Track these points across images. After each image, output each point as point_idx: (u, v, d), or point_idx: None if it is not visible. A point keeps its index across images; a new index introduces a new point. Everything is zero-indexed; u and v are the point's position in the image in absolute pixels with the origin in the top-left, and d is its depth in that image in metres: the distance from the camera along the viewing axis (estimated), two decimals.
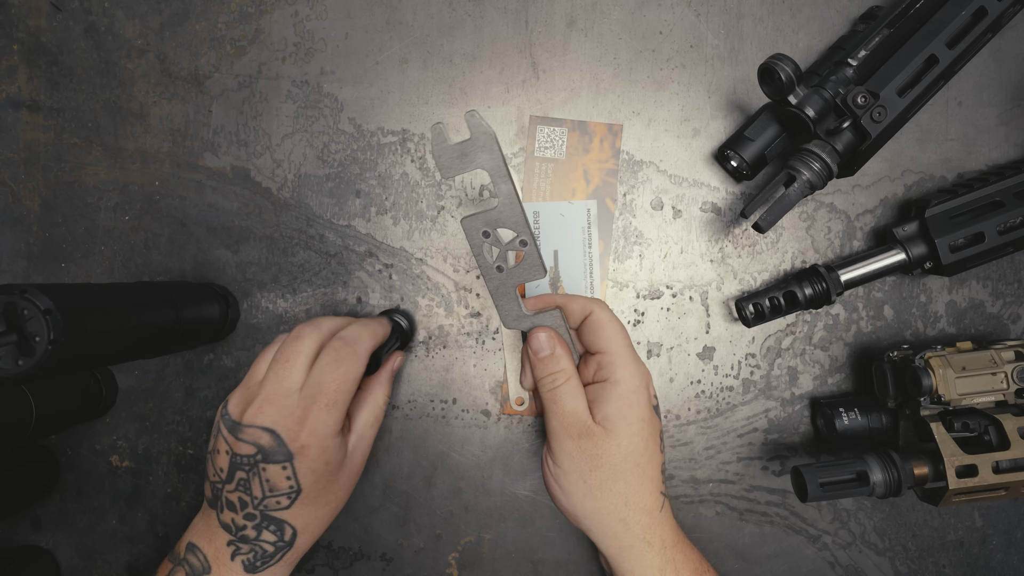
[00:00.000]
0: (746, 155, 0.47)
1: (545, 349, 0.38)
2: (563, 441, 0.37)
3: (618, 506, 0.37)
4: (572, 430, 0.36)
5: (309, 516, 0.38)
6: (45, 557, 0.51)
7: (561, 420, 0.37)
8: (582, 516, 0.38)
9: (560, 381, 0.37)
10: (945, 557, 0.52)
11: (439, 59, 0.51)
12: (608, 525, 0.37)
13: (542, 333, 0.38)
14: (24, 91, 0.51)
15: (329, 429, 0.37)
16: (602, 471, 0.36)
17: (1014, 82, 0.51)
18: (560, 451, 0.37)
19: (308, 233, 0.51)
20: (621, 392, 0.37)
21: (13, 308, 0.31)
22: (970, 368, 0.44)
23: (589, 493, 0.37)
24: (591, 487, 0.36)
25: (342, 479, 0.39)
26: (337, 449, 0.38)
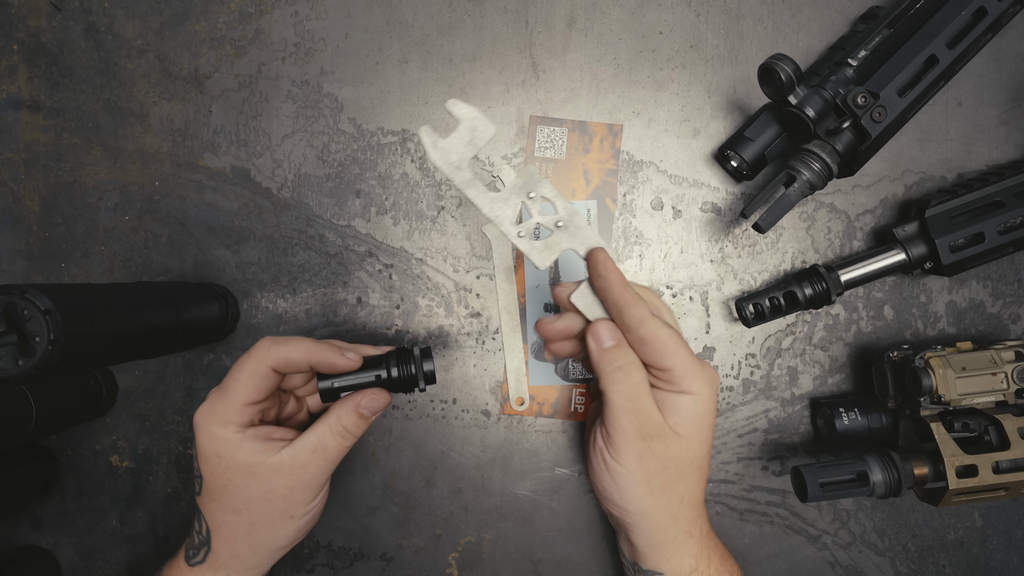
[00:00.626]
0: (746, 155, 0.47)
1: (610, 339, 0.36)
2: (633, 441, 0.35)
3: (673, 504, 0.37)
4: (645, 430, 0.35)
5: (217, 515, 0.38)
6: (45, 557, 0.51)
7: (634, 419, 0.35)
8: (636, 512, 0.37)
9: (635, 375, 0.35)
10: (945, 557, 0.52)
11: (439, 59, 0.51)
12: (659, 521, 0.37)
13: (605, 323, 0.36)
14: (24, 91, 0.51)
15: (215, 415, 0.36)
16: (668, 473, 0.36)
17: (1014, 82, 0.51)
18: (628, 450, 0.36)
19: (308, 233, 0.51)
20: (698, 402, 0.36)
21: (13, 308, 0.31)
22: (970, 368, 0.44)
23: (650, 492, 0.36)
24: (653, 487, 0.36)
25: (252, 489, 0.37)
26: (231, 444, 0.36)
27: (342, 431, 0.38)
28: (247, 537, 0.38)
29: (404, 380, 0.39)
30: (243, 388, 0.36)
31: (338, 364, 0.38)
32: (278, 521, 0.38)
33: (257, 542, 0.38)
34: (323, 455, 0.38)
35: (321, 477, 0.38)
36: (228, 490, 0.37)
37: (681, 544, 0.38)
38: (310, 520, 0.40)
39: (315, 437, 0.38)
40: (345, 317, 0.51)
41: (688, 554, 0.38)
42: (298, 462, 0.37)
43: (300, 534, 0.40)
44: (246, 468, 0.37)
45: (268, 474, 0.37)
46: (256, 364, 0.37)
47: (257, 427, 0.38)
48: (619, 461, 0.36)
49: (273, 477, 0.37)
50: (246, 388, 0.36)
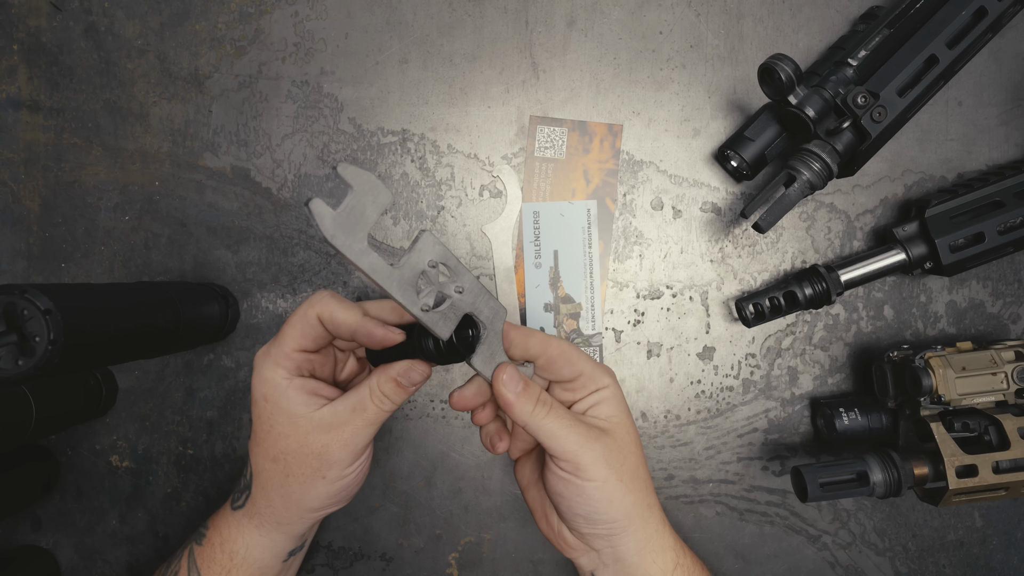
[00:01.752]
0: (746, 155, 0.47)
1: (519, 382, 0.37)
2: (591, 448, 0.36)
3: (645, 492, 0.38)
4: (591, 434, 0.36)
5: (259, 461, 0.38)
6: (45, 557, 0.51)
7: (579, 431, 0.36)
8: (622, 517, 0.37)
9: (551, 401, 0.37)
10: (945, 557, 0.52)
11: (439, 59, 0.51)
12: (640, 514, 0.38)
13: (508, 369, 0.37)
14: (24, 91, 0.51)
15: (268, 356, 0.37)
16: (629, 461, 0.37)
17: (1014, 82, 0.51)
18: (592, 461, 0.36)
19: (308, 233, 0.51)
20: (613, 392, 0.38)
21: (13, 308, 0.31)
22: (970, 368, 0.44)
23: (627, 489, 0.37)
24: (627, 483, 0.37)
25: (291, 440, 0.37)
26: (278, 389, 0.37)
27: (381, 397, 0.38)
28: (281, 488, 0.39)
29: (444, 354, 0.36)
30: (292, 332, 0.37)
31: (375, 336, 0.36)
32: (311, 478, 0.38)
33: (289, 494, 0.39)
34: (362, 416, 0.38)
35: (359, 439, 0.38)
36: (271, 436, 0.38)
37: (661, 537, 0.39)
38: (343, 487, 0.40)
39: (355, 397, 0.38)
40: None
41: (668, 547, 0.39)
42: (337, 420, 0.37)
43: (332, 500, 0.40)
44: (288, 417, 0.37)
45: (308, 427, 0.37)
46: (305, 310, 0.37)
47: (306, 379, 0.38)
48: (590, 477, 0.36)
49: (312, 431, 0.37)
50: (294, 333, 0.37)
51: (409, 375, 0.38)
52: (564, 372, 0.38)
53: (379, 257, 0.30)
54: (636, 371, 0.51)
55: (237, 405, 0.51)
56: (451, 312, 0.34)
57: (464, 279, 0.34)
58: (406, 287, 0.32)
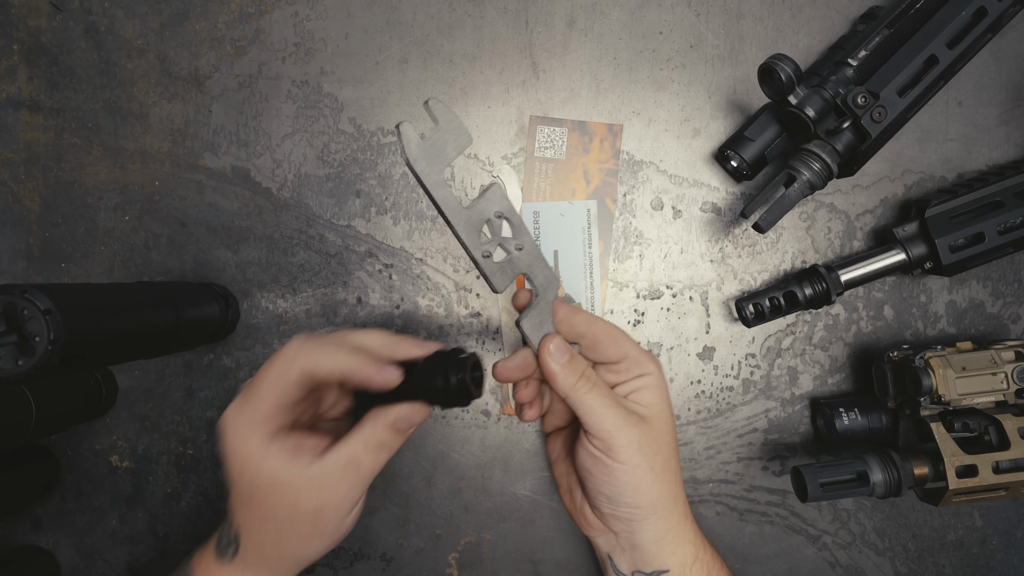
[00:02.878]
0: (746, 155, 0.47)
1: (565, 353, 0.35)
2: (627, 432, 0.35)
3: (674, 484, 0.38)
4: (630, 419, 0.36)
5: (245, 521, 0.35)
6: (45, 557, 0.51)
7: (618, 413, 0.35)
8: (647, 504, 0.37)
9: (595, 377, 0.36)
10: (945, 557, 0.52)
11: (439, 59, 0.51)
12: (666, 506, 0.37)
13: (555, 340, 0.36)
14: (24, 91, 0.51)
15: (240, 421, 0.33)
16: (663, 452, 0.37)
17: (1014, 82, 0.51)
18: (626, 445, 0.35)
19: (308, 233, 0.51)
20: (657, 380, 0.38)
21: (13, 308, 0.31)
22: (970, 368, 0.44)
23: (657, 479, 0.36)
24: (657, 472, 0.36)
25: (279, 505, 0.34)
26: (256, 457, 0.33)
27: (377, 446, 0.34)
28: (275, 547, 0.35)
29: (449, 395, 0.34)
30: (269, 392, 0.33)
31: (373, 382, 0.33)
32: (305, 539, 0.35)
33: (284, 553, 0.36)
34: (356, 472, 0.34)
35: (354, 495, 0.35)
36: (255, 499, 0.34)
37: (683, 530, 0.38)
38: (341, 537, 0.37)
39: (348, 452, 0.34)
40: (345, 317, 0.51)
41: (689, 541, 0.38)
42: (329, 479, 0.34)
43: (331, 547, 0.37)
44: (272, 480, 0.33)
45: (296, 491, 0.34)
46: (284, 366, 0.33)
47: (287, 435, 0.34)
48: (621, 459, 0.35)
49: (301, 494, 0.34)
50: (269, 395, 0.33)
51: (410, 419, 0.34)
52: (610, 353, 0.37)
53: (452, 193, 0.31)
54: None
55: None
56: (508, 267, 0.34)
57: (525, 239, 0.34)
58: (471, 229, 0.32)
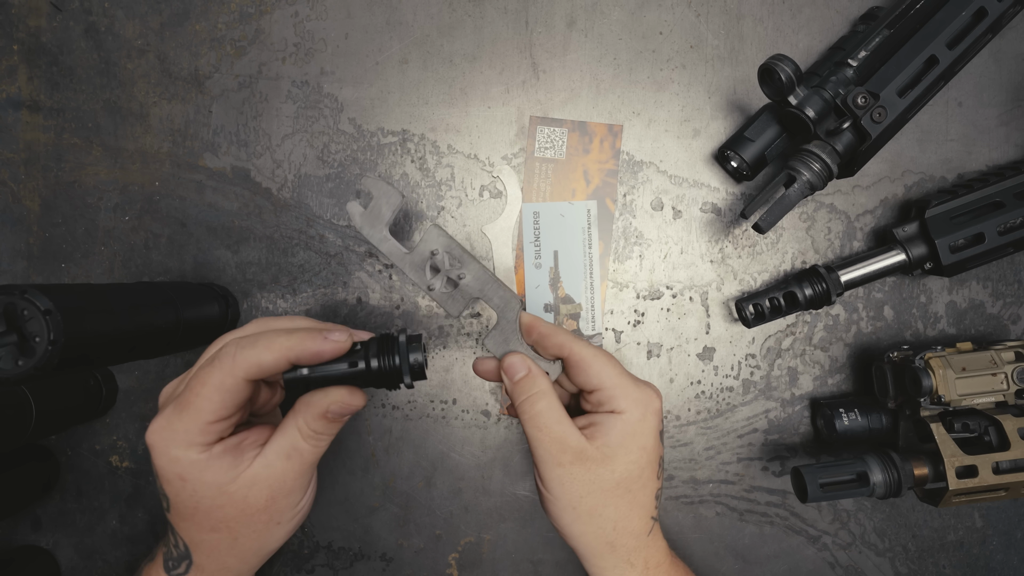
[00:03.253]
0: (746, 155, 0.47)
1: (520, 370, 0.36)
2: (552, 468, 0.35)
3: (606, 530, 0.36)
4: (563, 456, 0.35)
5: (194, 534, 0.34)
6: (45, 557, 0.51)
7: (548, 448, 0.35)
8: (570, 537, 0.37)
9: (540, 404, 0.35)
10: (945, 558, 0.52)
11: (439, 59, 0.51)
12: (595, 547, 0.36)
13: (514, 356, 0.37)
14: (24, 91, 0.51)
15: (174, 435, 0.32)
16: (593, 497, 0.35)
17: (1014, 82, 0.51)
18: (549, 478, 0.35)
19: (308, 233, 0.51)
20: (626, 421, 0.35)
21: (13, 308, 0.31)
22: (970, 369, 0.44)
23: (578, 518, 0.36)
24: (580, 513, 0.36)
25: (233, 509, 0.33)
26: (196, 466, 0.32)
27: (313, 435, 0.34)
28: (231, 550, 0.35)
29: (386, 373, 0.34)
30: (207, 405, 0.31)
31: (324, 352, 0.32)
32: (263, 531, 0.35)
33: (244, 552, 0.35)
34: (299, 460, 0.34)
35: (303, 480, 0.35)
36: (200, 511, 0.33)
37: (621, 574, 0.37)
38: (300, 520, 0.37)
39: (287, 442, 0.34)
40: (345, 317, 0.51)
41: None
42: (274, 472, 0.33)
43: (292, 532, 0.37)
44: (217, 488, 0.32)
45: (243, 490, 0.33)
46: (223, 377, 0.31)
47: (225, 440, 0.33)
48: (546, 487, 0.36)
49: (249, 492, 0.33)
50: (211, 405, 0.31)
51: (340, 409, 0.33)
52: (580, 380, 0.36)
53: (396, 244, 0.38)
54: (636, 372, 0.51)
55: None
56: (459, 295, 0.38)
57: (468, 267, 0.38)
58: (417, 269, 0.38)
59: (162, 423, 0.32)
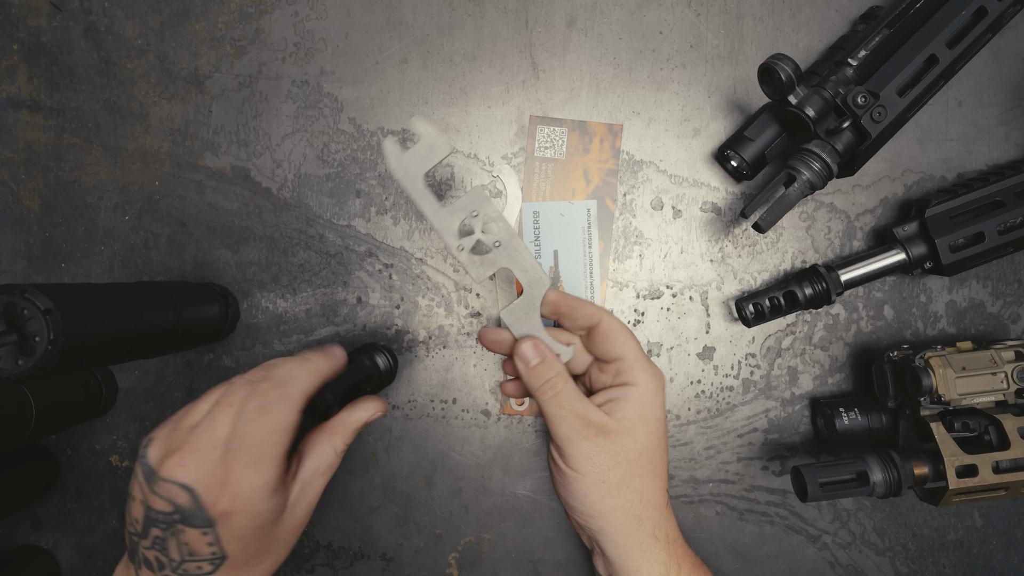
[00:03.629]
0: (746, 155, 0.47)
1: (534, 357, 0.37)
2: (578, 444, 0.36)
3: (634, 503, 0.37)
4: (588, 431, 0.36)
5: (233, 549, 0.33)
6: (45, 557, 0.51)
7: (572, 424, 0.36)
8: (599, 516, 0.37)
9: (560, 386, 0.36)
10: (945, 557, 0.52)
11: (439, 59, 0.51)
12: (623, 523, 0.37)
13: (527, 343, 0.37)
14: (24, 91, 0.51)
15: (258, 492, 0.32)
16: (620, 468, 0.36)
17: (1014, 82, 0.51)
18: (576, 455, 0.36)
19: (308, 233, 0.51)
20: (641, 394, 0.37)
21: (13, 308, 0.31)
22: (970, 368, 0.44)
23: (608, 492, 0.36)
24: (610, 486, 0.36)
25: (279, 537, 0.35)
26: (271, 510, 0.33)
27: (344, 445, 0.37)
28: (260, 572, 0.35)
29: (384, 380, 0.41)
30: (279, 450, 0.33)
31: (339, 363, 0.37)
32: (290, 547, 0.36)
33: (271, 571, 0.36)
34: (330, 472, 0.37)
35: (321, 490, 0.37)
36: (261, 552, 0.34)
37: (648, 549, 0.37)
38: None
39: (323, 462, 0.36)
40: (345, 317, 0.51)
41: (656, 561, 0.37)
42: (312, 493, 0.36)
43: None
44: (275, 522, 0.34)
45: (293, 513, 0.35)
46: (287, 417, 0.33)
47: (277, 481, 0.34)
48: (572, 467, 0.36)
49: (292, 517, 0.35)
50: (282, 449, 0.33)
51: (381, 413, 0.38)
52: (602, 350, 0.38)
53: (431, 196, 0.35)
54: None
55: None
56: (487, 262, 0.36)
57: (503, 236, 0.36)
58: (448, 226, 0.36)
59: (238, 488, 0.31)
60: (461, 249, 0.36)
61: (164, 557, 0.32)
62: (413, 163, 0.35)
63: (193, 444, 0.32)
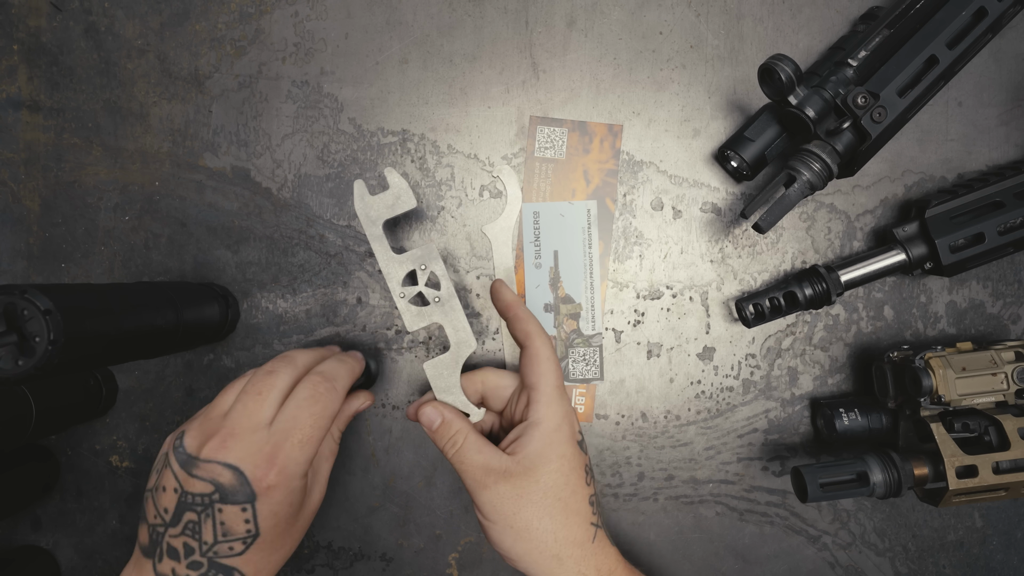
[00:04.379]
0: (746, 155, 0.47)
1: (435, 420, 0.39)
2: (481, 493, 0.37)
3: (548, 543, 0.37)
4: (487, 479, 0.37)
5: (262, 562, 0.35)
6: (45, 557, 0.51)
7: (473, 475, 0.37)
8: (517, 559, 0.37)
9: (459, 441, 0.38)
10: (945, 558, 0.52)
11: (439, 59, 0.51)
12: (542, 564, 0.37)
13: (427, 408, 0.39)
14: (24, 91, 0.51)
15: (299, 468, 0.35)
16: (526, 511, 0.36)
17: (1014, 82, 0.51)
18: (483, 503, 0.37)
19: (308, 233, 0.51)
20: (542, 431, 0.37)
21: (13, 308, 0.31)
22: (970, 369, 0.44)
23: (519, 537, 0.36)
24: (518, 531, 0.36)
25: (300, 521, 0.38)
26: (302, 489, 0.36)
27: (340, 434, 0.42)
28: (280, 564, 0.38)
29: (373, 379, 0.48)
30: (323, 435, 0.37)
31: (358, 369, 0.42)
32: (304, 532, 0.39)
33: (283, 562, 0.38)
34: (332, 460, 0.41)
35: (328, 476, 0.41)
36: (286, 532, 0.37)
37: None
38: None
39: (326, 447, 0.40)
40: (345, 317, 0.51)
41: None
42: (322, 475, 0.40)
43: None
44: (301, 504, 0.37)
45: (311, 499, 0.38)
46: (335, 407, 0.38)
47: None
48: (482, 514, 0.37)
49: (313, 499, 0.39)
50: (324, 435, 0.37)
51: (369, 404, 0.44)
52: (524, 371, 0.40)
53: (387, 241, 0.38)
54: (636, 371, 0.51)
55: None
56: (423, 314, 0.39)
57: (444, 294, 0.39)
58: (395, 273, 0.38)
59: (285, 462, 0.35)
60: (402, 296, 0.39)
61: (195, 541, 0.33)
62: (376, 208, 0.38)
63: (232, 427, 0.35)
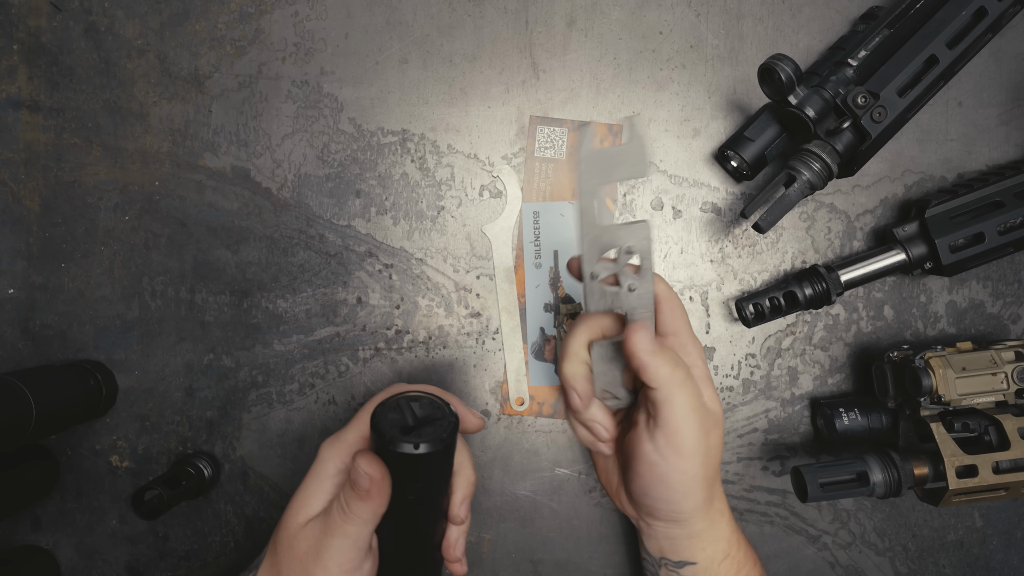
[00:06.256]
0: (746, 155, 0.47)
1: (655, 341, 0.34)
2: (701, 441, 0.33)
3: (716, 487, 0.37)
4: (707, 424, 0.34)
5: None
6: (45, 557, 0.51)
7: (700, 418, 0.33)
8: (690, 510, 0.35)
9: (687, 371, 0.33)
10: (945, 557, 0.52)
11: (439, 59, 0.51)
12: (705, 508, 0.36)
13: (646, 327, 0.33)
14: (24, 91, 0.51)
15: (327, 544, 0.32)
16: (714, 460, 0.35)
17: (1014, 82, 0.51)
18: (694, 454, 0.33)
19: (308, 233, 0.51)
20: (698, 376, 0.35)
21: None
22: (970, 368, 0.44)
23: (706, 487, 0.35)
24: (709, 481, 0.35)
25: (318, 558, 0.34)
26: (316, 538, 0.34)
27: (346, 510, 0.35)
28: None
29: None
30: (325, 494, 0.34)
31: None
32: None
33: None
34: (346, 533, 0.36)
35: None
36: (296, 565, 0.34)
37: (717, 527, 0.37)
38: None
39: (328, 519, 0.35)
40: (345, 317, 0.51)
41: (722, 538, 0.37)
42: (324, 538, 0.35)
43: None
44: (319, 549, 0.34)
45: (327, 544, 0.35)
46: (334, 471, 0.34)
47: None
48: (681, 468, 0.34)
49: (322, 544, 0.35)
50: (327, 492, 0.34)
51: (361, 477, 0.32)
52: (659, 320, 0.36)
53: (598, 205, 0.31)
54: None
55: (237, 405, 0.51)
56: (608, 298, 0.33)
57: (644, 286, 0.32)
58: (593, 244, 0.32)
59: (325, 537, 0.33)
60: (594, 277, 0.32)
61: None
62: (604, 163, 0.30)
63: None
